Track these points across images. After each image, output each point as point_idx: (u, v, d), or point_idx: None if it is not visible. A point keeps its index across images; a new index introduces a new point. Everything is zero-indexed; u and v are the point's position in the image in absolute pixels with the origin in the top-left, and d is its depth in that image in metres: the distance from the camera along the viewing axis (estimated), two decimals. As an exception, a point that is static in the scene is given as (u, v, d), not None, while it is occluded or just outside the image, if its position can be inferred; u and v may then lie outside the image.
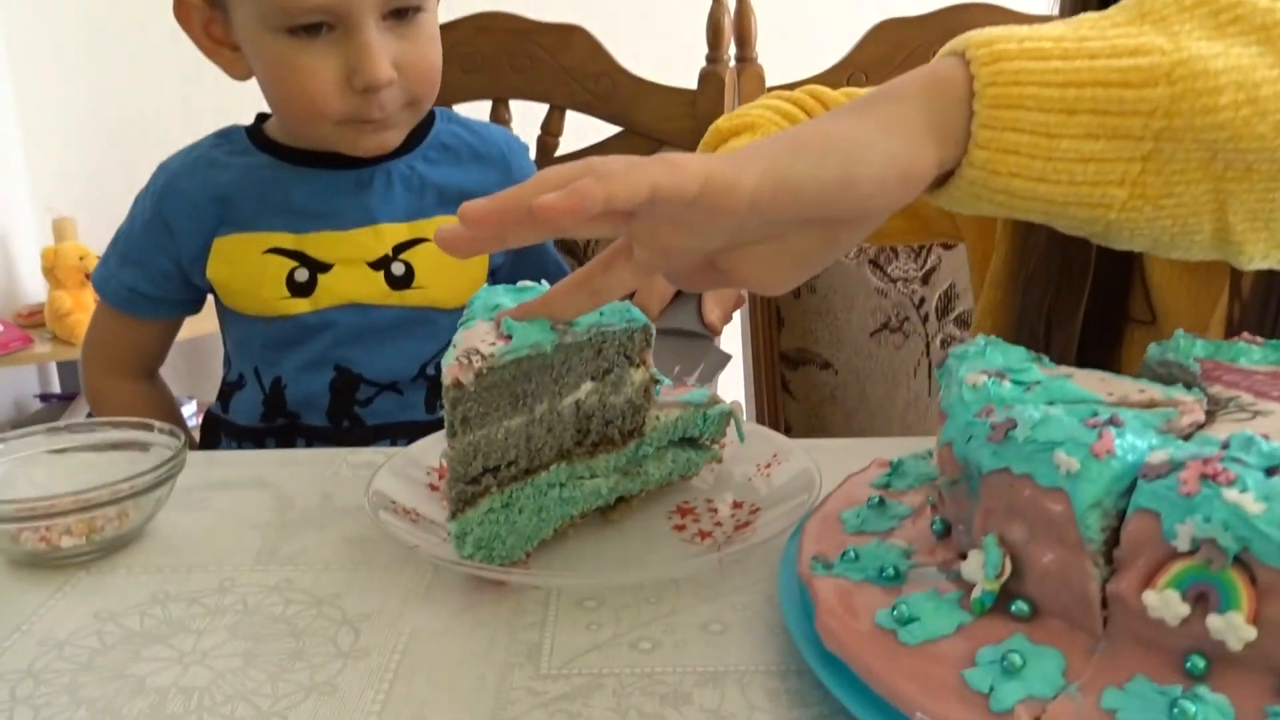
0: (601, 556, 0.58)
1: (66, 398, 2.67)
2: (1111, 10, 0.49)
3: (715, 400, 0.64)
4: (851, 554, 0.49)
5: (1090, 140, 0.45)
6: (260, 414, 1.01)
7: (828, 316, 1.32)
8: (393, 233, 0.98)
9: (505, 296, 0.58)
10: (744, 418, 0.64)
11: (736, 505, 0.63)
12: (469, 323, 0.56)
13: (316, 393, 0.99)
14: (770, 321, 1.32)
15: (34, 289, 2.65)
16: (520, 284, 0.61)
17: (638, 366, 0.60)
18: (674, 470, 0.63)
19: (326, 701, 0.46)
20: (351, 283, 0.97)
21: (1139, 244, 0.50)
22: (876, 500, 0.54)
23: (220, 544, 0.61)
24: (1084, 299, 0.75)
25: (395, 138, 0.96)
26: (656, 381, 0.61)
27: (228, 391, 1.05)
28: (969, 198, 0.48)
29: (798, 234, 0.47)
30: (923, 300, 1.34)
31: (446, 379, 0.51)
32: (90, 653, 0.50)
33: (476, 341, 0.53)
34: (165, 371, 1.13)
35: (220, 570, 0.58)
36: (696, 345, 0.71)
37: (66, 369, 2.69)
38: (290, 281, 0.96)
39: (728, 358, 0.74)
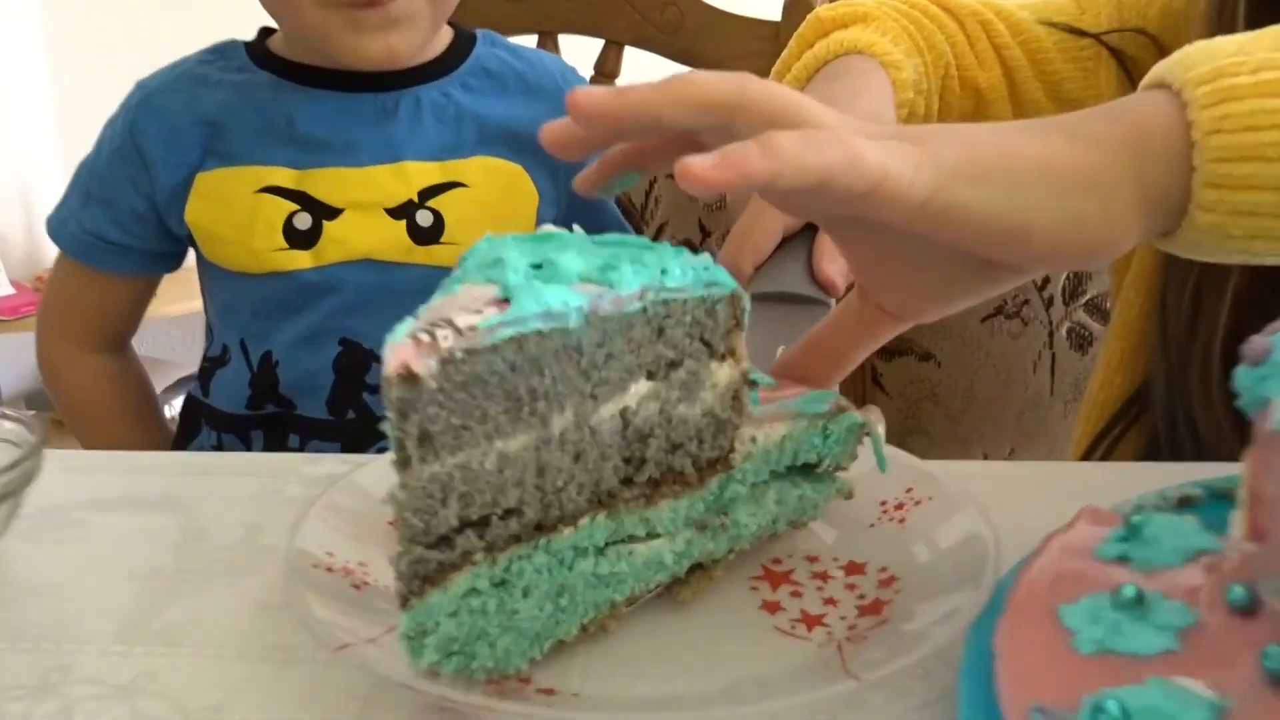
0: (648, 662, 0.36)
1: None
2: None
3: (841, 407, 0.42)
4: (1113, 709, 0.26)
5: None
6: (246, 398, 0.82)
7: (933, 297, 1.11)
8: (420, 173, 0.79)
9: (514, 249, 0.36)
10: (883, 431, 0.43)
11: (855, 569, 0.41)
12: (452, 287, 0.34)
13: (316, 373, 0.80)
14: (862, 303, 1.11)
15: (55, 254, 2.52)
16: (543, 229, 0.39)
17: (723, 359, 0.38)
18: (779, 517, 0.41)
19: None
20: (365, 233, 0.78)
21: None
22: (1131, 595, 0.31)
23: (73, 603, 0.40)
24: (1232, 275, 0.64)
25: (407, 42, 0.76)
26: (752, 383, 0.39)
27: (209, 369, 0.86)
28: (1192, 252, 0.40)
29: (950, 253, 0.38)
30: (1046, 280, 1.13)
31: (389, 367, 0.29)
32: None
33: (452, 310, 0.31)
34: (165, 348, 0.94)
35: (56, 651, 0.37)
36: (807, 314, 0.50)
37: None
38: (289, 229, 0.78)
39: None
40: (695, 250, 0.38)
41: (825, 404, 0.42)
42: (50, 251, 2.63)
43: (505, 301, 0.32)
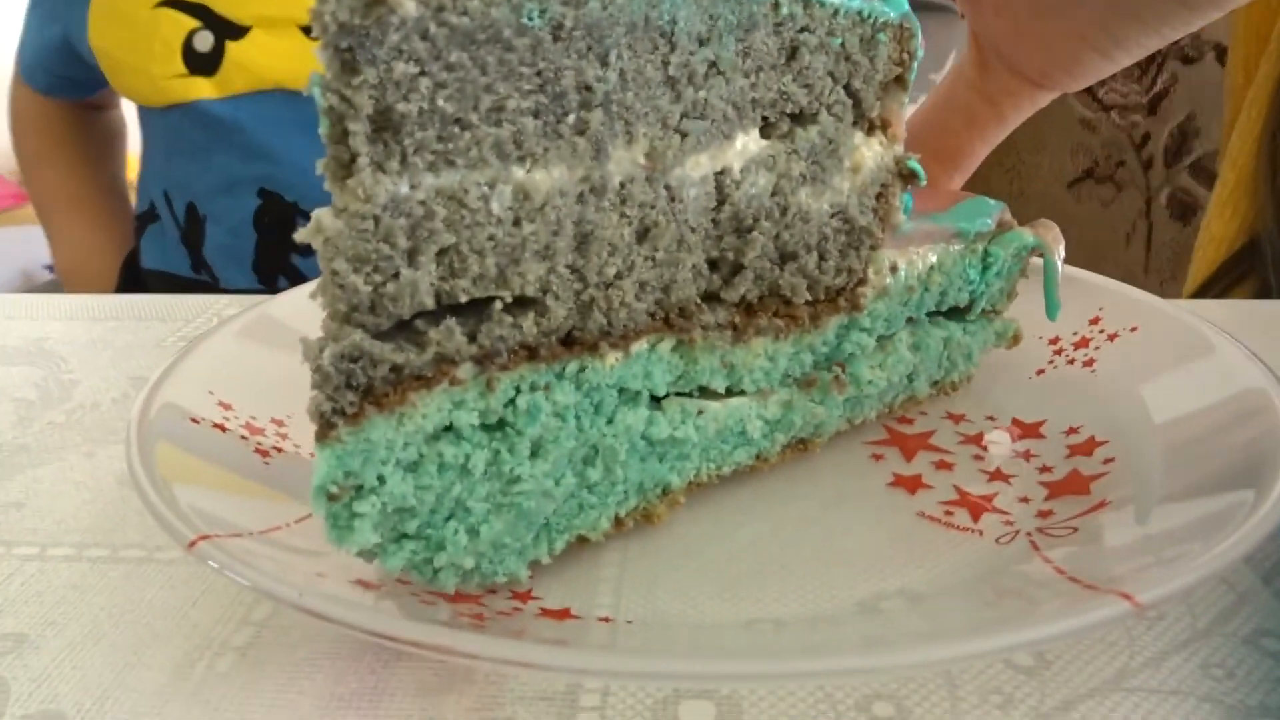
0: (719, 569, 0.23)
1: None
2: None
3: (1008, 224, 0.28)
4: None
5: None
6: (185, 260, 0.69)
7: (1008, 158, 0.98)
8: None
9: None
10: (1061, 258, 0.29)
11: (1025, 430, 0.27)
12: None
13: (237, 229, 0.67)
14: (926, 162, 0.97)
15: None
16: None
17: (871, 131, 0.24)
18: (918, 373, 0.27)
19: None
20: (276, 56, 0.64)
21: None
22: None
23: None
24: None
25: None
26: (910, 176, 0.25)
27: (139, 228, 0.75)
28: None
29: None
30: (1146, 137, 1.01)
31: None
32: None
33: None
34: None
35: None
36: (939, 23, 0.36)
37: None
38: (188, 51, 0.64)
39: None
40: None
41: (991, 217, 0.28)
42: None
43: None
